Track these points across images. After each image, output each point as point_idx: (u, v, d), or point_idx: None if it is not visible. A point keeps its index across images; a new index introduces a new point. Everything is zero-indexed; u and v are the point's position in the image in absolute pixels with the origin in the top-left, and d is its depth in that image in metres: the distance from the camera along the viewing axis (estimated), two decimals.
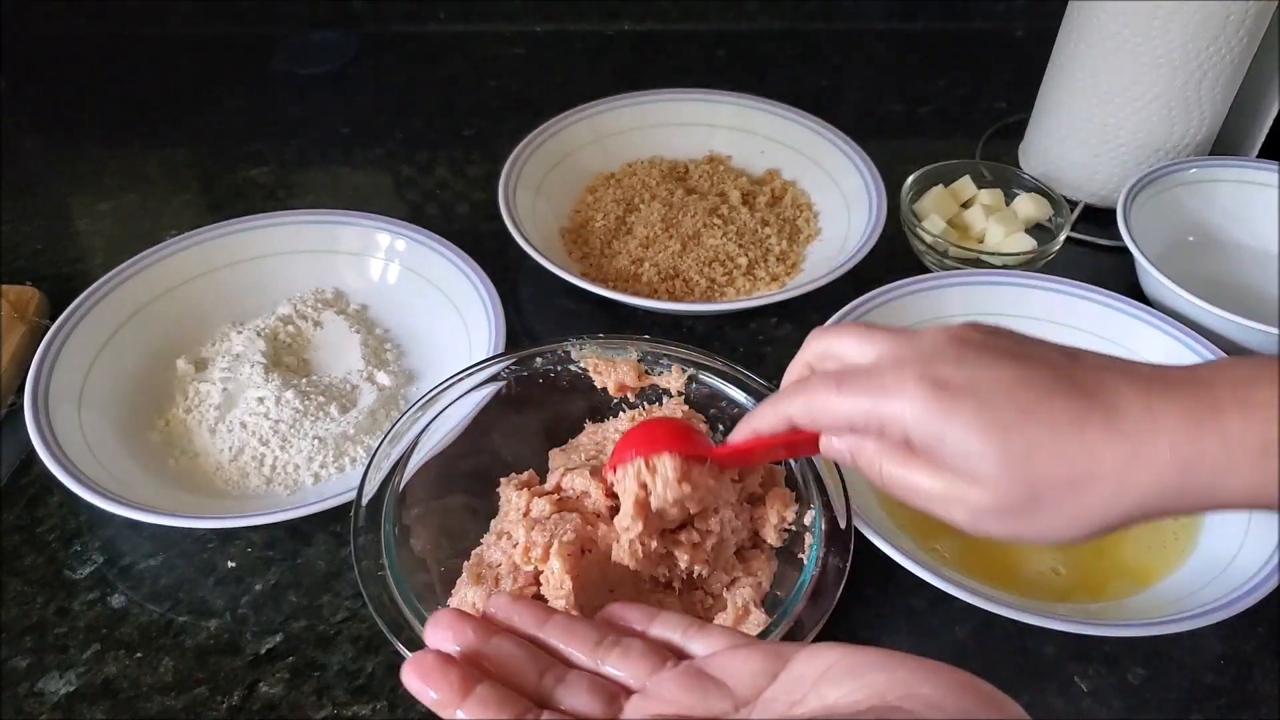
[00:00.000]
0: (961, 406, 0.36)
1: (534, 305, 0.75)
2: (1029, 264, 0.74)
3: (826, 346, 0.42)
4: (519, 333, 0.73)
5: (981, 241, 0.78)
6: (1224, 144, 0.83)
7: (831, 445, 0.41)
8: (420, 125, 0.95)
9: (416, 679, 0.33)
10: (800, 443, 0.43)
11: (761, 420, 0.43)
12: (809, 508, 0.51)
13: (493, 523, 0.53)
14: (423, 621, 0.43)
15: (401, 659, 0.43)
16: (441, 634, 0.34)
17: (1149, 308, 0.67)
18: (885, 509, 0.57)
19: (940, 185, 0.80)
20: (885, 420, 0.38)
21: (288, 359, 0.68)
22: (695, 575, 0.50)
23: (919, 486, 0.38)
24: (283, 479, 0.61)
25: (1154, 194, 0.76)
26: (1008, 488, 0.36)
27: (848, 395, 0.39)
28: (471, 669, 0.33)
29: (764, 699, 0.33)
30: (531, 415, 0.57)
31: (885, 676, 0.31)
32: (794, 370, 0.44)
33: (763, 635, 0.44)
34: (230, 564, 0.58)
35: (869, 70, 1.03)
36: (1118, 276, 0.76)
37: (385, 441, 0.51)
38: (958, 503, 0.37)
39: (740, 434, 0.44)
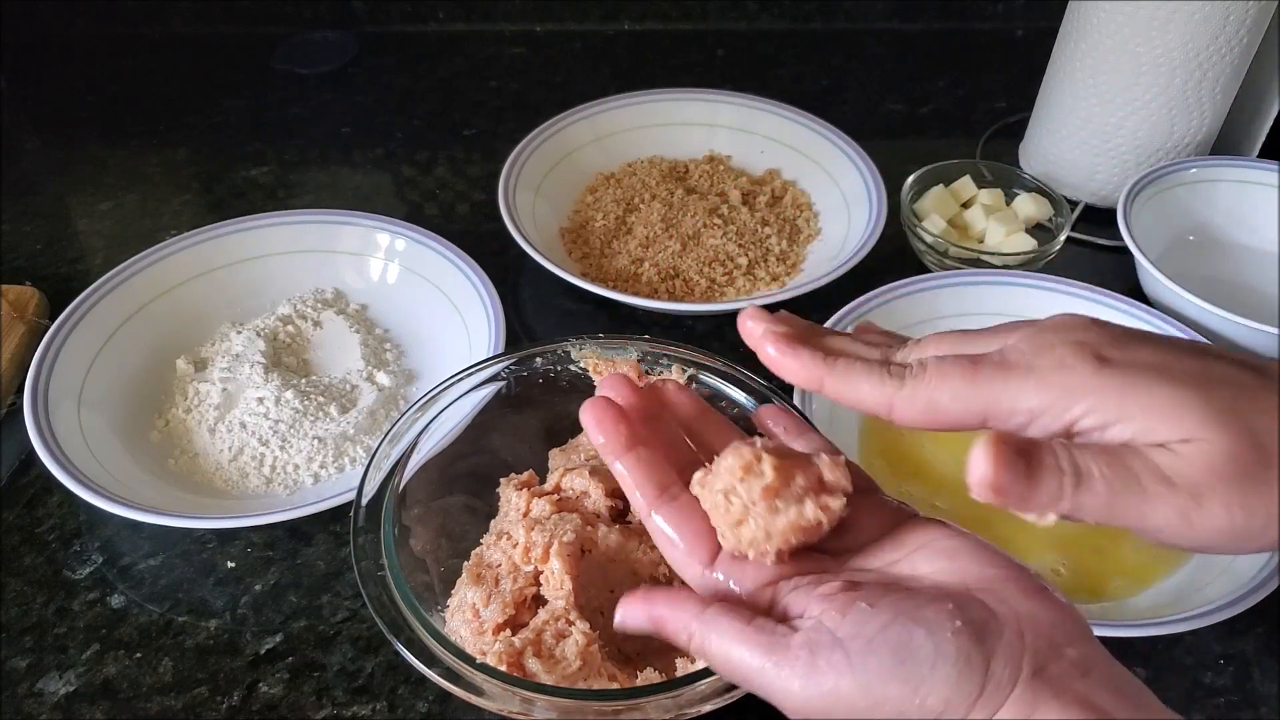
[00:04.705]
0: (1137, 374, 0.31)
1: (534, 305, 0.75)
2: (1029, 264, 0.74)
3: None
4: (519, 333, 0.73)
5: (982, 241, 0.78)
6: (1224, 144, 0.83)
7: None
8: (420, 125, 0.95)
9: (592, 420, 0.38)
10: None
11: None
12: None
13: (493, 523, 0.53)
14: (422, 622, 0.43)
15: (402, 659, 0.43)
16: (613, 387, 0.40)
17: (1149, 308, 0.67)
18: None
19: (940, 185, 0.80)
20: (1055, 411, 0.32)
21: (288, 359, 0.68)
22: None
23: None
24: (282, 479, 0.61)
25: (1154, 194, 0.76)
26: (1227, 440, 0.30)
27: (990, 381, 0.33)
28: (639, 430, 0.39)
29: (868, 551, 0.36)
30: (531, 415, 0.57)
31: (976, 568, 0.34)
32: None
33: None
34: (230, 564, 0.58)
35: (869, 70, 1.03)
36: (1118, 276, 0.76)
37: (385, 441, 0.51)
38: (1164, 492, 0.31)
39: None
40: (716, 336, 0.73)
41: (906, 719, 0.31)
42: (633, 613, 0.37)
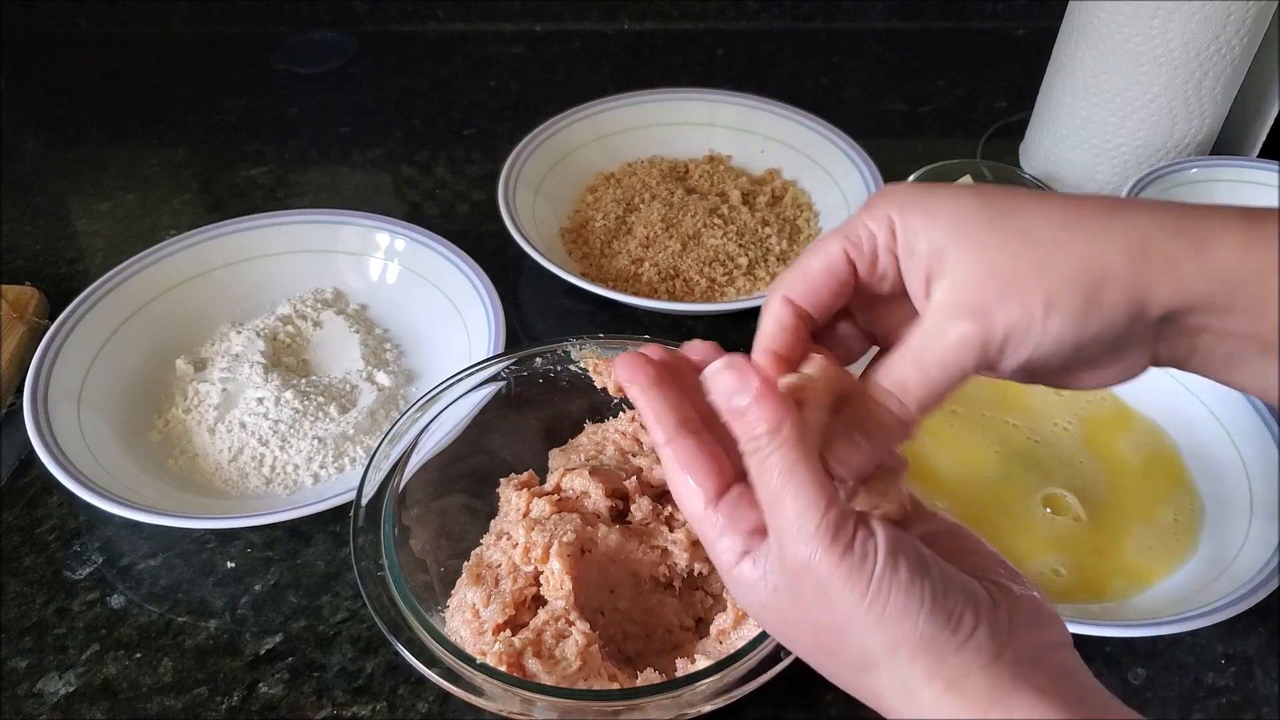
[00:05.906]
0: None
1: (534, 305, 0.75)
2: None
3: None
4: (519, 333, 0.73)
5: None
6: (1225, 144, 0.83)
7: None
8: (420, 125, 0.95)
9: (624, 373, 0.38)
10: None
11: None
12: None
13: (492, 523, 0.53)
14: (422, 622, 0.43)
15: (402, 659, 0.43)
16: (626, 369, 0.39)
17: None
18: None
19: None
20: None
21: (287, 359, 0.68)
22: (695, 574, 0.50)
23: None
24: (282, 479, 0.61)
25: (1155, 194, 0.76)
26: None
27: None
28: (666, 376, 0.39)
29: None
30: (531, 415, 0.57)
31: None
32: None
33: (762, 636, 0.44)
34: (230, 564, 0.58)
35: (869, 70, 1.03)
36: None
37: (385, 442, 0.51)
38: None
39: None
40: (717, 336, 0.72)
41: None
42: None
